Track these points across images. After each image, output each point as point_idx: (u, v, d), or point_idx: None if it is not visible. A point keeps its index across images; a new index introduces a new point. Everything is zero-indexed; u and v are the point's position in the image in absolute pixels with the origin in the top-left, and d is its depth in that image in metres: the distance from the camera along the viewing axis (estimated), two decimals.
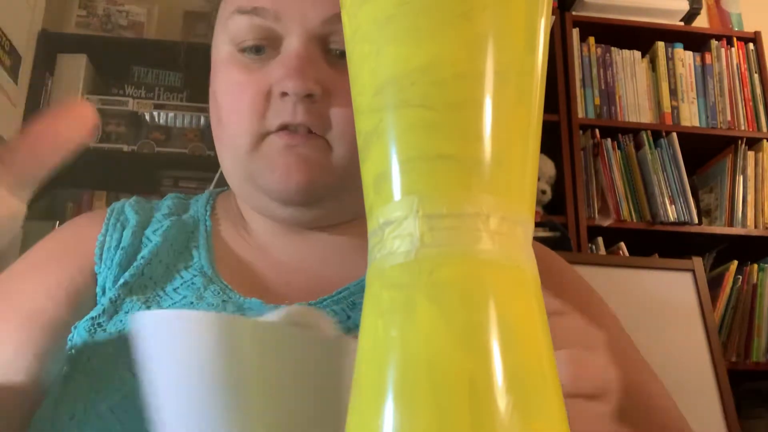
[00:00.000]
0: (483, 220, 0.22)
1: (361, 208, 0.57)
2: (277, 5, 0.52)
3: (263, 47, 0.53)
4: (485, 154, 0.22)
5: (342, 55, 0.52)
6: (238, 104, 0.52)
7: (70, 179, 1.90)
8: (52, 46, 1.96)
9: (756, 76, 2.23)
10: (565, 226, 1.90)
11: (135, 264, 0.56)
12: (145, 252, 0.56)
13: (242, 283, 0.55)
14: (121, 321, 0.51)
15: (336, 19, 0.51)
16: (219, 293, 0.53)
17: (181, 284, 0.55)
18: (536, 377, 0.21)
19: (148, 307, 0.52)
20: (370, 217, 0.24)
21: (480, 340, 0.21)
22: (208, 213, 0.62)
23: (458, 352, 0.20)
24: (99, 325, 0.51)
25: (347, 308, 0.52)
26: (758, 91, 2.22)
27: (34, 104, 1.88)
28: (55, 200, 1.96)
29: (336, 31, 0.52)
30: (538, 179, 1.99)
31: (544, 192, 1.99)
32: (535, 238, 0.60)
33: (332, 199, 0.54)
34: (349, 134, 0.52)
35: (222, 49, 0.55)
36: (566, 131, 2.03)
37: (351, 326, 0.50)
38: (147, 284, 0.55)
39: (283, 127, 0.51)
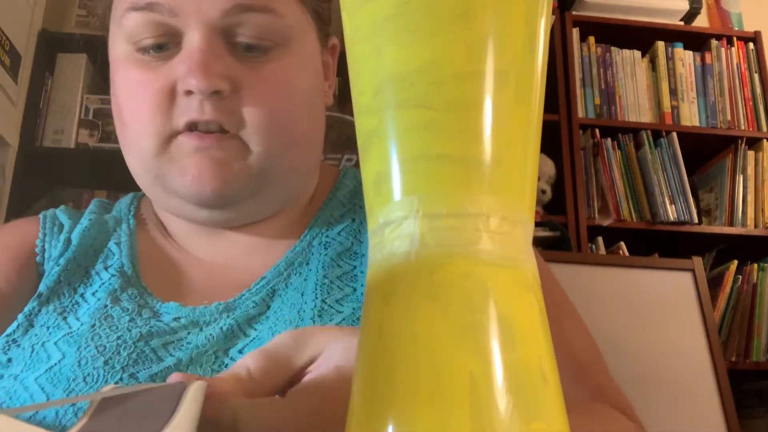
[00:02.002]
0: (483, 220, 0.22)
1: (281, 203, 0.57)
2: None
3: (165, 44, 0.49)
4: (485, 154, 0.22)
5: (249, 48, 0.50)
6: (140, 104, 0.49)
7: (70, 179, 1.91)
8: (52, 46, 1.96)
9: (756, 76, 2.23)
10: (565, 226, 1.90)
11: (51, 272, 0.54)
12: (62, 258, 0.55)
13: (163, 284, 0.54)
14: (36, 335, 0.49)
15: (238, 9, 0.49)
16: (136, 297, 0.51)
17: (100, 286, 0.53)
18: (536, 377, 0.21)
19: (65, 318, 0.50)
20: (370, 217, 0.24)
21: (480, 340, 0.21)
22: (131, 213, 0.60)
23: (458, 352, 0.20)
24: (14, 341, 0.49)
25: (267, 297, 0.51)
26: (758, 91, 2.22)
27: (34, 104, 1.88)
28: (55, 200, 1.96)
29: (240, 23, 0.49)
30: (538, 179, 1.99)
31: (544, 192, 1.99)
32: (535, 238, 0.60)
33: (250, 198, 0.52)
34: (265, 131, 0.49)
35: (119, 48, 0.52)
36: (566, 131, 2.03)
37: (270, 314, 0.50)
38: (64, 291, 0.52)
39: (192, 127, 0.49)
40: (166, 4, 0.48)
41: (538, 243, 1.79)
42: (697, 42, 2.25)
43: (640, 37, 2.21)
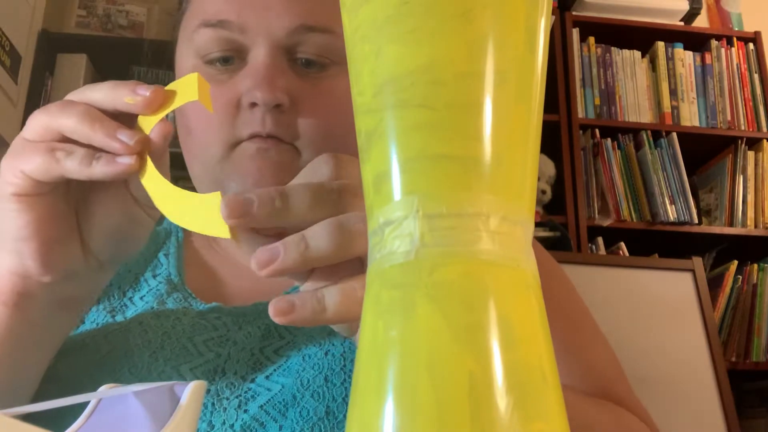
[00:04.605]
0: (483, 220, 0.22)
1: None
2: (242, 18, 0.52)
3: (231, 58, 0.53)
4: (485, 154, 0.22)
5: (308, 64, 0.54)
6: (208, 116, 0.53)
7: None
8: (52, 46, 1.96)
9: (756, 76, 2.23)
10: (565, 226, 1.90)
11: None
12: None
13: (207, 288, 0.57)
14: (86, 330, 0.53)
15: (301, 30, 0.52)
16: (181, 300, 0.55)
17: (147, 291, 0.56)
18: (536, 377, 0.21)
19: (114, 317, 0.54)
20: (370, 217, 0.24)
21: (480, 340, 0.21)
22: None
23: (458, 352, 0.20)
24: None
25: None
26: (758, 91, 2.22)
27: (34, 104, 1.88)
28: None
29: (302, 42, 0.53)
30: (538, 179, 1.99)
31: (544, 192, 1.99)
32: (535, 238, 0.60)
33: None
34: (318, 142, 0.53)
35: (187, 62, 0.55)
36: (566, 131, 2.03)
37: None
38: (114, 293, 0.56)
39: (254, 136, 0.52)
40: (236, 22, 0.52)
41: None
42: (697, 42, 2.25)
43: (640, 37, 2.21)
